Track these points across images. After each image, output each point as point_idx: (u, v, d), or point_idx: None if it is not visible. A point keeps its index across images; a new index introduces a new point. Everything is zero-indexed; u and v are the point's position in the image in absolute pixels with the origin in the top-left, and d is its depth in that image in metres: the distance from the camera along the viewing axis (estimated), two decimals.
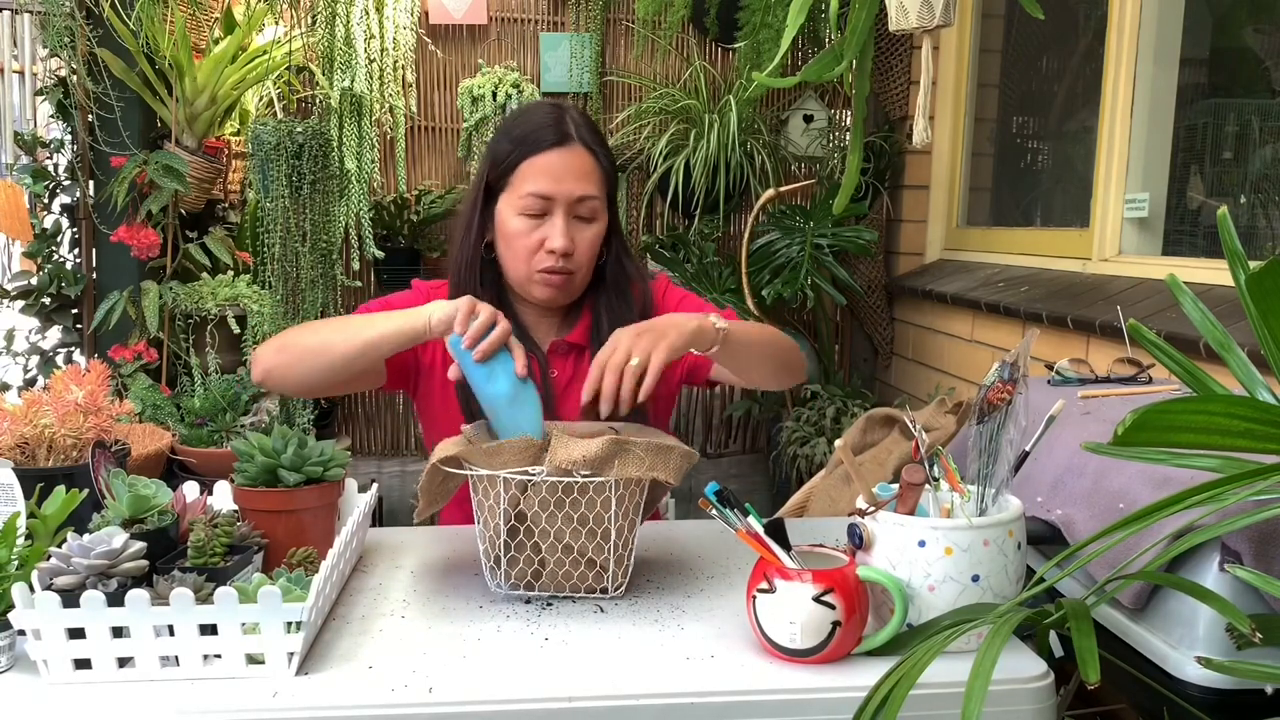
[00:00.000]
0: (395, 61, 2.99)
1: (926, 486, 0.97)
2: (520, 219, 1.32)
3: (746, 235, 2.91)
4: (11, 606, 0.85)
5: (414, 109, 3.14)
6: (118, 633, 0.86)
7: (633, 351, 1.11)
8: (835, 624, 0.89)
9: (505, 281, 1.40)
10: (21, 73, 4.09)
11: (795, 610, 0.89)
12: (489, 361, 1.13)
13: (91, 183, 2.62)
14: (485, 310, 1.15)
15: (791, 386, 1.48)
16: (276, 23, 2.87)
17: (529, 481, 1.02)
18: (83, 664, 0.86)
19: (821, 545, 0.99)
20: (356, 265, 3.08)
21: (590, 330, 1.40)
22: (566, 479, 1.01)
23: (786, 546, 0.94)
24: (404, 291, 1.44)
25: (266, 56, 2.74)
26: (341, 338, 1.22)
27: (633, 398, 1.10)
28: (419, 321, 1.18)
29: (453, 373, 1.17)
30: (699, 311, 1.38)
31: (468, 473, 1.04)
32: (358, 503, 1.18)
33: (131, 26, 2.47)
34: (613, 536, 1.03)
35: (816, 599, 0.88)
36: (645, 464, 1.02)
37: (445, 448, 1.05)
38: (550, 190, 1.30)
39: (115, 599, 0.85)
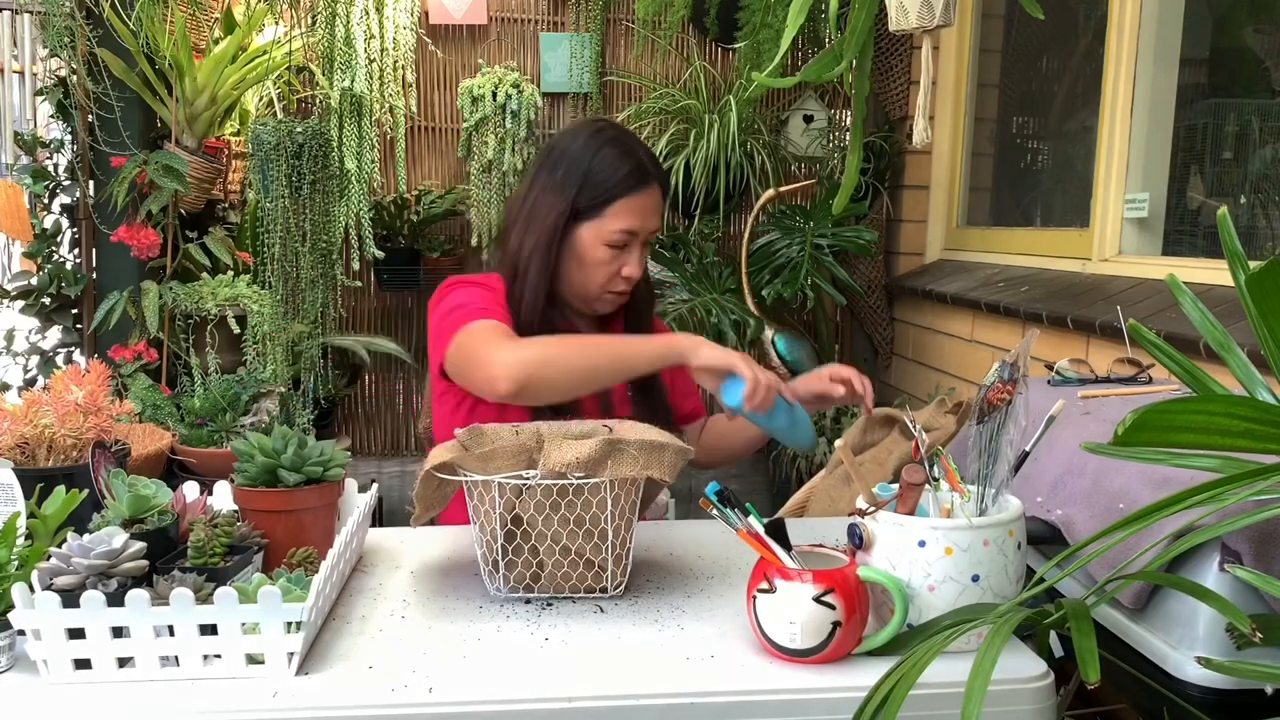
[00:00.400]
0: (395, 61, 2.99)
1: (926, 486, 0.97)
2: (604, 249, 1.47)
3: (746, 235, 2.90)
4: (11, 606, 0.85)
5: (414, 109, 3.14)
6: (118, 633, 0.86)
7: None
8: (835, 624, 0.89)
9: (554, 287, 1.51)
10: (21, 73, 4.09)
11: (795, 610, 0.89)
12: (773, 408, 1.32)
13: (91, 183, 2.62)
14: (763, 377, 1.30)
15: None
16: (276, 23, 2.87)
17: (524, 485, 1.02)
18: (83, 664, 0.86)
19: (821, 545, 0.99)
20: (356, 265, 3.08)
21: (625, 328, 1.60)
22: (561, 481, 1.01)
23: (787, 546, 0.94)
24: (480, 288, 1.49)
25: (266, 56, 2.74)
26: (607, 363, 1.34)
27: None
28: (677, 355, 1.34)
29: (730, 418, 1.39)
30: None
31: (462, 479, 1.04)
32: (358, 503, 1.18)
33: (131, 26, 2.47)
34: (610, 536, 1.03)
35: (816, 599, 0.88)
36: (639, 463, 1.02)
37: (439, 454, 1.05)
38: (638, 228, 1.48)
39: (115, 599, 0.85)
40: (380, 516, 3.05)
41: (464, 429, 1.14)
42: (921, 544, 0.91)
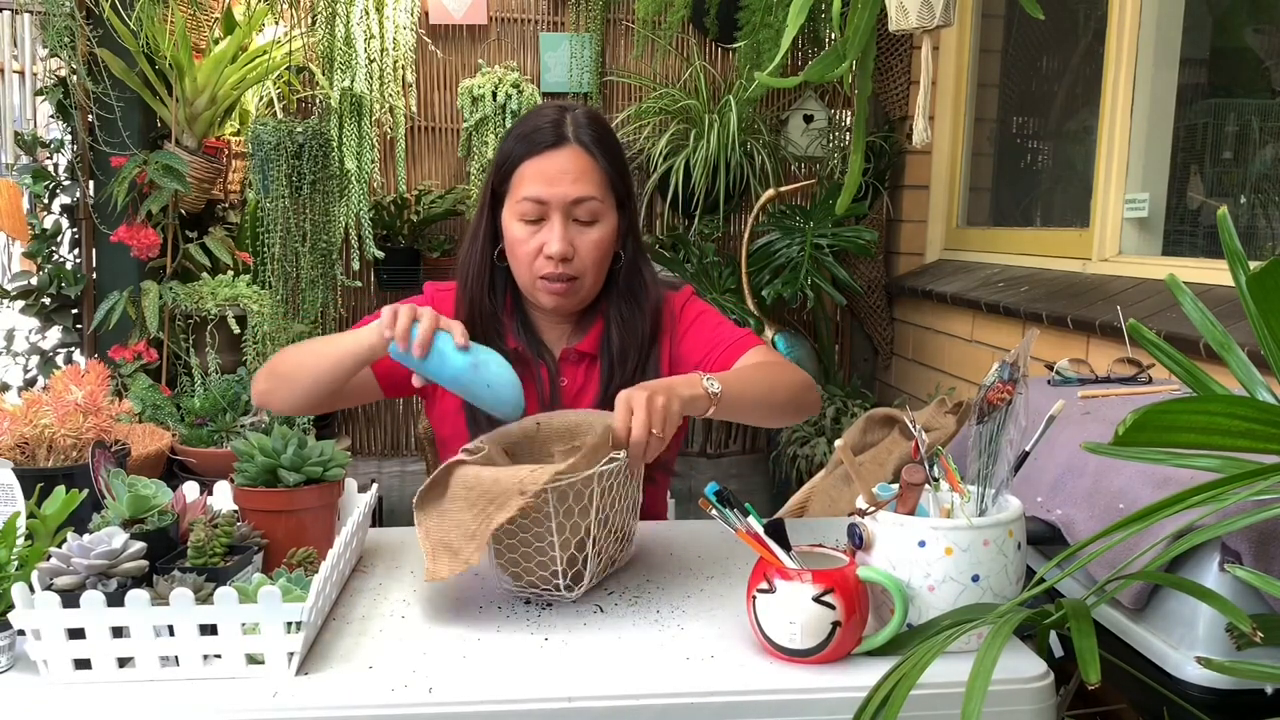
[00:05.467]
0: (395, 61, 2.99)
1: (926, 486, 0.97)
2: (520, 225, 1.30)
3: (746, 235, 2.90)
4: (11, 606, 0.85)
5: (414, 109, 3.14)
6: (118, 633, 0.86)
7: (659, 399, 1.06)
8: (835, 624, 0.89)
9: (516, 292, 1.39)
10: (21, 73, 4.09)
11: (795, 610, 0.89)
12: (433, 350, 1.13)
13: (91, 183, 2.62)
14: (403, 310, 1.15)
15: (797, 422, 1.43)
16: (276, 23, 2.87)
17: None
18: (83, 664, 0.86)
19: (821, 545, 0.99)
20: (356, 265, 3.08)
21: (601, 338, 1.37)
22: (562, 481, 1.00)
23: (786, 546, 0.94)
24: (416, 296, 1.43)
25: (266, 56, 2.74)
26: (313, 360, 1.27)
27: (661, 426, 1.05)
28: (363, 346, 1.22)
29: (416, 381, 1.20)
30: (711, 335, 1.38)
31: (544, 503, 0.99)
32: (358, 503, 1.18)
33: (131, 26, 2.47)
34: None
35: (816, 599, 0.88)
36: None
37: (502, 500, 0.97)
38: (544, 194, 1.28)
39: (115, 599, 0.85)
40: (380, 516, 3.05)
41: (482, 438, 1.12)
42: (921, 544, 0.91)
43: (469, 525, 0.98)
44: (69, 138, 2.62)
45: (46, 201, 2.63)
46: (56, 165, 2.66)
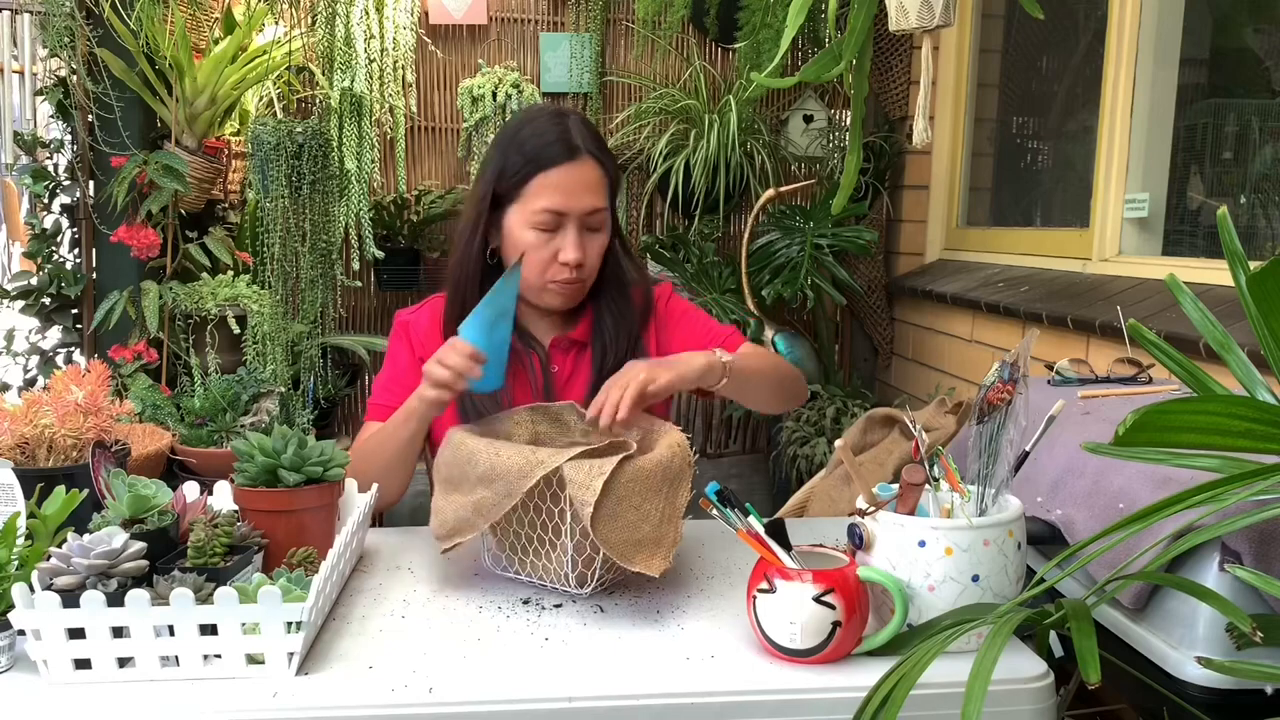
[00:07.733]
0: (395, 61, 2.99)
1: (926, 486, 0.97)
2: (533, 232, 1.35)
3: (746, 235, 2.90)
4: (11, 606, 0.85)
5: (414, 109, 3.14)
6: (118, 633, 0.86)
7: (641, 373, 1.18)
8: (835, 624, 0.89)
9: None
10: (21, 73, 4.09)
11: (795, 610, 0.89)
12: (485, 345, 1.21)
13: (91, 183, 2.62)
14: (438, 367, 1.20)
15: (788, 410, 1.60)
16: (276, 23, 2.86)
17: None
18: (83, 664, 0.86)
19: (821, 545, 0.99)
20: (356, 265, 3.08)
21: (592, 327, 1.43)
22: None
23: (787, 546, 0.94)
24: (392, 336, 1.49)
25: (266, 56, 2.73)
26: (382, 448, 1.32)
27: (630, 407, 1.15)
28: (416, 414, 1.27)
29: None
30: (703, 329, 1.48)
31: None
32: (358, 503, 1.18)
33: (131, 26, 2.47)
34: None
35: (816, 599, 0.88)
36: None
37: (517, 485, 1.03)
38: (563, 206, 1.33)
39: (115, 599, 0.85)
40: (380, 517, 3.05)
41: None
42: (921, 544, 0.91)
43: (486, 502, 1.04)
44: (69, 138, 2.62)
45: (46, 201, 2.63)
46: (56, 165, 2.65)
